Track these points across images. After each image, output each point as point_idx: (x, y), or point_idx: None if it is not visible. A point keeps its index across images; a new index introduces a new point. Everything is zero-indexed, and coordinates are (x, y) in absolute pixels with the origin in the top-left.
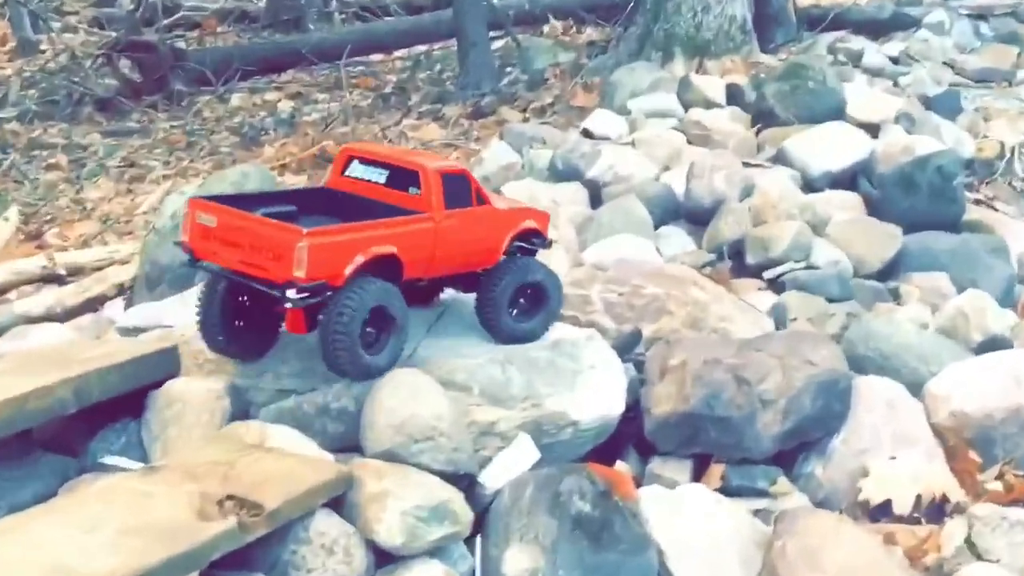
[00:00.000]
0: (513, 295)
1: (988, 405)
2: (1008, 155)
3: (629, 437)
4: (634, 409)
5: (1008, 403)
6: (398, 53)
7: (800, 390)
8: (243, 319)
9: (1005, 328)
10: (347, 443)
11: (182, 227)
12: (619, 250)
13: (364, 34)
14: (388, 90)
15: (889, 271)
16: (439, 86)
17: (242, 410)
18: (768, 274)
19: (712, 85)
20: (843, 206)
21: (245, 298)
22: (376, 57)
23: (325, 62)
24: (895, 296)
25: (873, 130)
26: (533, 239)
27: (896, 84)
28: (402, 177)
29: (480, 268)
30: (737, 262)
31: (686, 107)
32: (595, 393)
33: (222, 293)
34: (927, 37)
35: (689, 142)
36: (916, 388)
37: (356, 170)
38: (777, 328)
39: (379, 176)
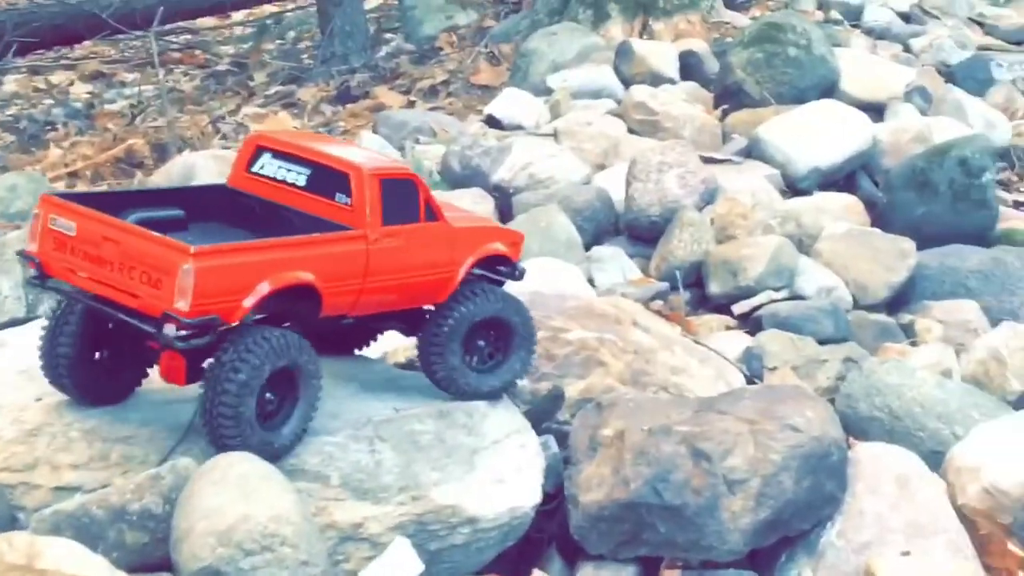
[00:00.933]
0: (469, 335)
1: None
2: None
3: (550, 537)
4: (556, 498)
5: None
6: (237, 16)
7: (779, 466)
8: (104, 352)
9: None
10: (153, 558)
11: (30, 232)
12: (535, 280)
13: None
14: (222, 67)
15: (900, 300)
16: (293, 60)
17: (6, 517)
18: (739, 308)
19: (661, 53)
20: (838, 214)
21: (110, 326)
22: (206, 22)
23: (135, 30)
24: (908, 333)
25: (876, 111)
26: (499, 267)
27: (907, 49)
28: (328, 180)
29: (426, 304)
30: (697, 292)
31: (626, 84)
32: (501, 478)
33: (78, 318)
34: None
35: (631, 131)
36: (937, 458)
37: (268, 166)
38: (750, 381)
39: (298, 176)
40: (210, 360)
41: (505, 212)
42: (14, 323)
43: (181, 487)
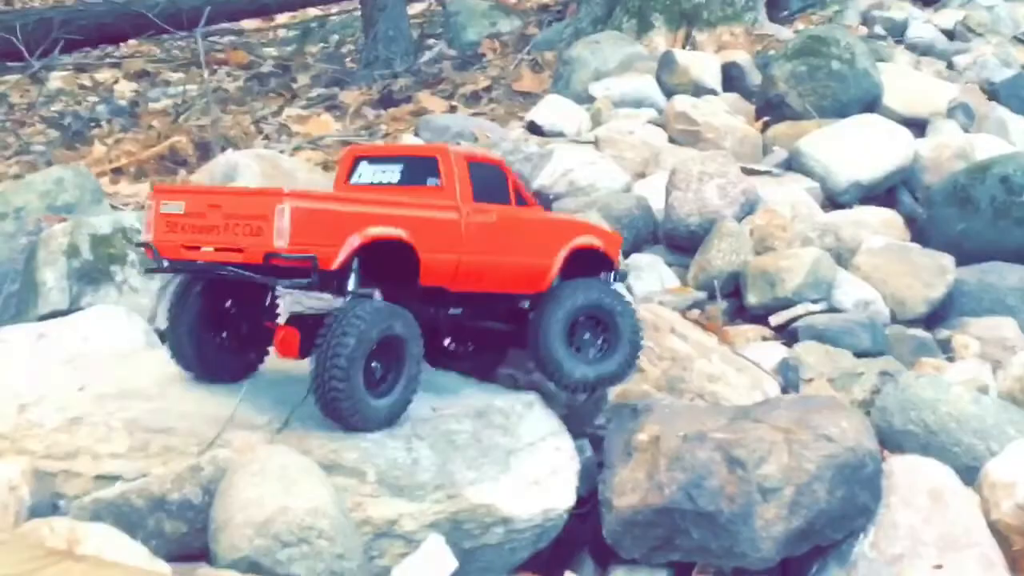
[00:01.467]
0: (574, 326)
1: None
2: None
3: (583, 539)
4: (590, 501)
5: None
6: (280, 18)
7: (813, 476)
8: (226, 331)
9: None
10: (191, 548)
11: (145, 224)
12: None
13: None
14: (266, 68)
15: (938, 315)
16: (336, 63)
17: (47, 503)
18: (776, 319)
19: (704, 64)
20: (878, 228)
21: (230, 303)
22: (251, 24)
23: (180, 31)
24: (945, 349)
25: (919, 127)
26: (601, 267)
27: (951, 66)
28: (419, 168)
29: (527, 291)
30: (734, 302)
31: (668, 94)
32: (535, 480)
33: (197, 297)
34: (994, 3)
35: (672, 140)
36: (972, 473)
37: (364, 174)
38: (785, 391)
39: (392, 175)
40: (320, 335)
41: None
42: (56, 314)
43: (220, 478)
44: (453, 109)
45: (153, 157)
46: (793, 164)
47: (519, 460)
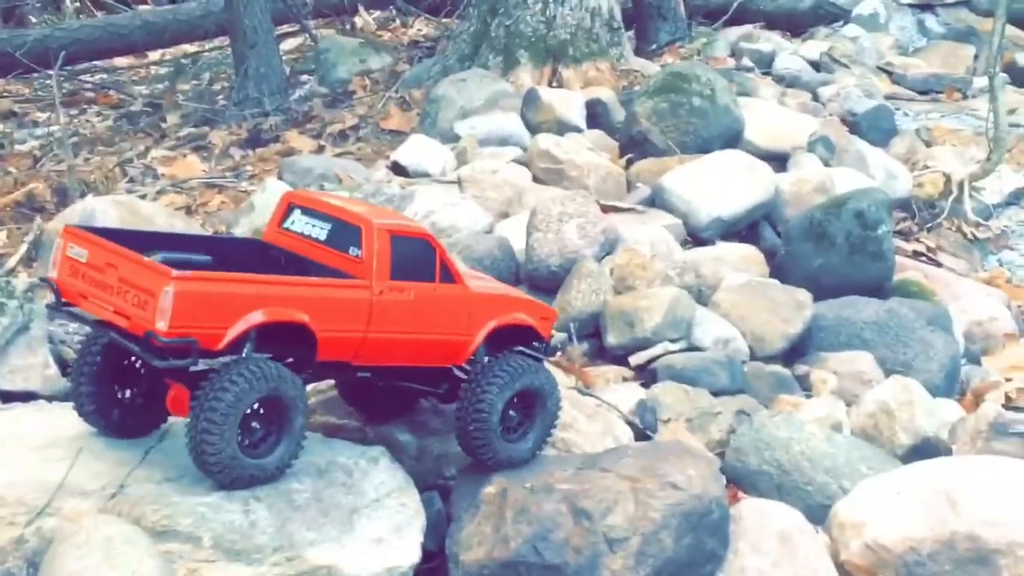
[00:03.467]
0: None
1: (913, 534)
2: (955, 192)
3: None
4: (438, 556)
5: (939, 531)
6: (154, 55)
7: (659, 524)
8: (130, 387)
9: (941, 427)
10: None
11: (52, 259)
12: None
13: (104, 30)
14: (136, 107)
15: (796, 351)
16: (207, 102)
17: None
18: (635, 359)
19: (568, 101)
20: (738, 264)
21: (133, 359)
22: (124, 61)
23: (48, 69)
24: (804, 385)
25: (780, 161)
26: (531, 341)
27: (816, 97)
28: (344, 233)
29: (442, 364)
30: (594, 344)
31: (533, 131)
32: (379, 538)
33: (98, 353)
34: (858, 34)
35: (536, 180)
36: (824, 512)
37: (297, 222)
38: (643, 435)
39: (320, 231)
40: (196, 394)
41: None
42: None
43: (45, 550)
44: (321, 149)
45: (9, 204)
46: (656, 201)
47: (362, 518)
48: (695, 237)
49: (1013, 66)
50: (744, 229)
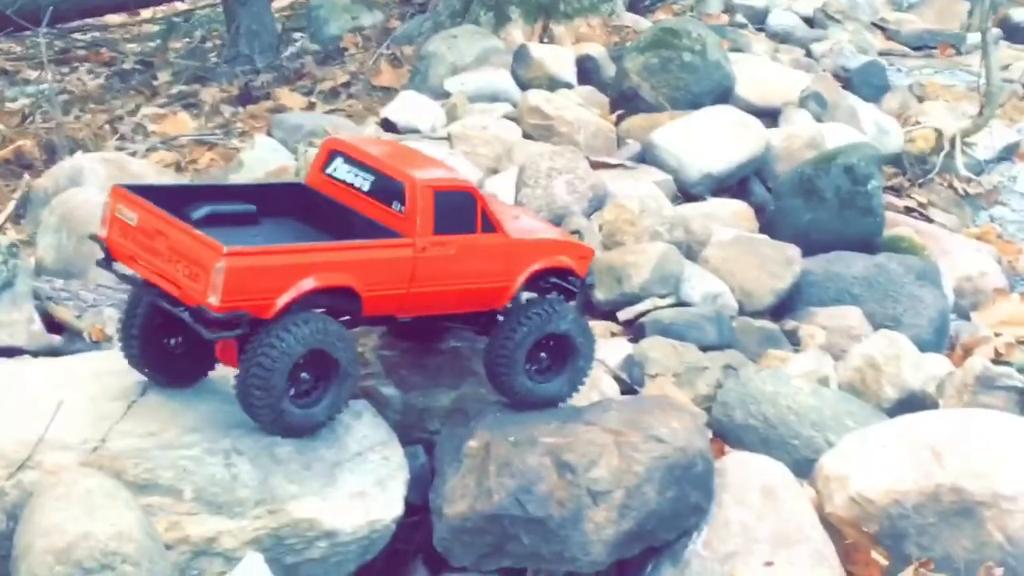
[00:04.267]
0: (532, 348)
1: (898, 487)
2: (947, 147)
3: (416, 548)
4: (422, 510)
5: (924, 484)
6: (146, 12)
7: (643, 477)
8: (177, 336)
9: (928, 381)
10: None
11: (101, 218)
12: None
13: None
14: (128, 65)
15: (785, 306)
16: (199, 59)
17: None
18: (624, 314)
19: (558, 58)
20: (728, 220)
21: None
22: (116, 19)
23: (38, 27)
24: (792, 340)
25: (772, 117)
26: (566, 277)
27: (809, 53)
28: (387, 187)
29: (482, 309)
30: (583, 299)
31: (524, 88)
32: (361, 492)
33: (147, 305)
34: None
35: (526, 136)
36: (810, 466)
37: (339, 169)
38: (630, 390)
39: (363, 181)
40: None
41: None
42: None
43: (25, 503)
44: (312, 106)
45: None
46: (646, 157)
47: (344, 472)
48: (685, 193)
49: (1007, 22)
50: (734, 185)
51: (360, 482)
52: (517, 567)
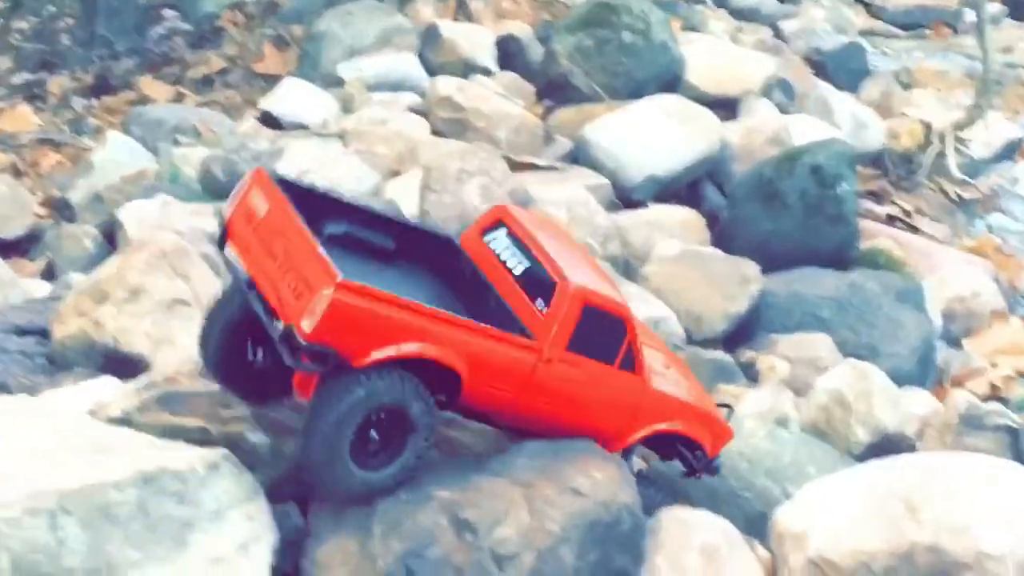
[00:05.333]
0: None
1: (865, 547)
2: (937, 144)
3: None
4: None
5: (896, 543)
6: None
7: (558, 538)
8: (261, 347)
9: (905, 421)
10: None
11: (232, 195)
12: None
13: None
14: None
15: (741, 333)
16: (48, 42)
17: None
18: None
19: (475, 38)
20: (674, 231)
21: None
22: None
23: None
24: (748, 373)
25: (729, 108)
26: (694, 450)
27: (777, 33)
28: (539, 281)
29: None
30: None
31: (433, 73)
32: (218, 558)
33: (240, 306)
34: None
35: (436, 132)
36: (765, 522)
37: (499, 241)
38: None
39: (517, 264)
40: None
41: None
42: None
43: None
44: (180, 97)
45: None
46: (579, 156)
47: (198, 534)
48: (624, 199)
49: None
50: (683, 189)
51: (218, 546)
52: None
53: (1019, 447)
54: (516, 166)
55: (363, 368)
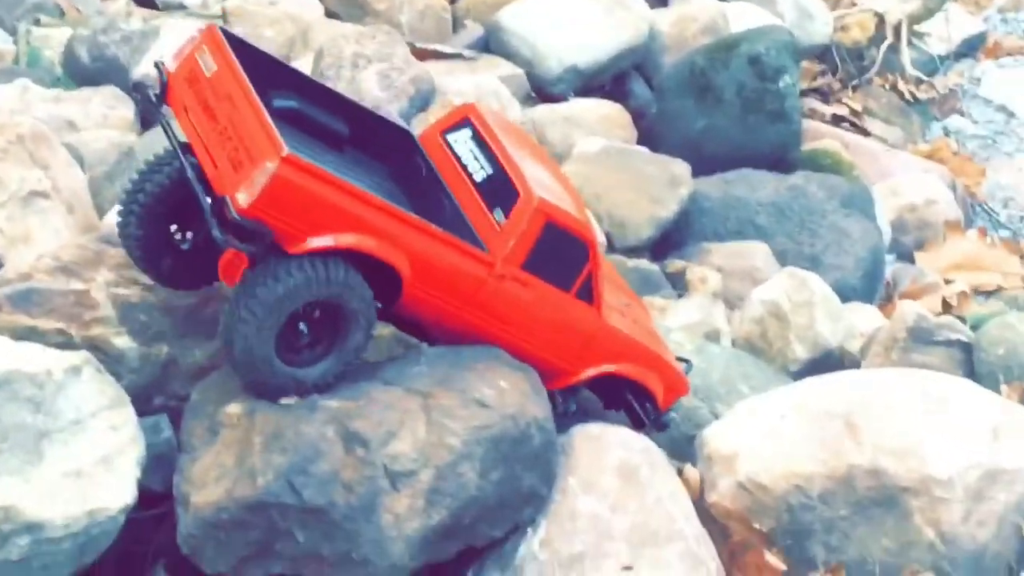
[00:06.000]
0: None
1: (800, 470)
2: (891, 37)
3: (154, 551)
4: (165, 499)
5: (834, 466)
6: None
7: (459, 454)
8: (185, 229)
9: (849, 337)
10: None
11: (177, 51)
12: None
13: None
14: None
15: (669, 241)
16: None
17: None
18: None
19: None
20: (596, 127)
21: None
22: None
23: None
24: (677, 284)
25: None
26: (643, 402)
27: None
28: (500, 189)
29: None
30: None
31: None
32: (78, 471)
33: (165, 179)
34: None
35: (330, 14)
36: (691, 445)
37: (461, 142)
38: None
39: (479, 169)
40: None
41: (149, 121)
42: None
43: None
44: None
45: None
46: (491, 44)
47: (56, 445)
48: (541, 92)
49: None
50: (607, 82)
51: (77, 459)
52: (291, 574)
53: (972, 364)
54: (420, 53)
55: (297, 255)
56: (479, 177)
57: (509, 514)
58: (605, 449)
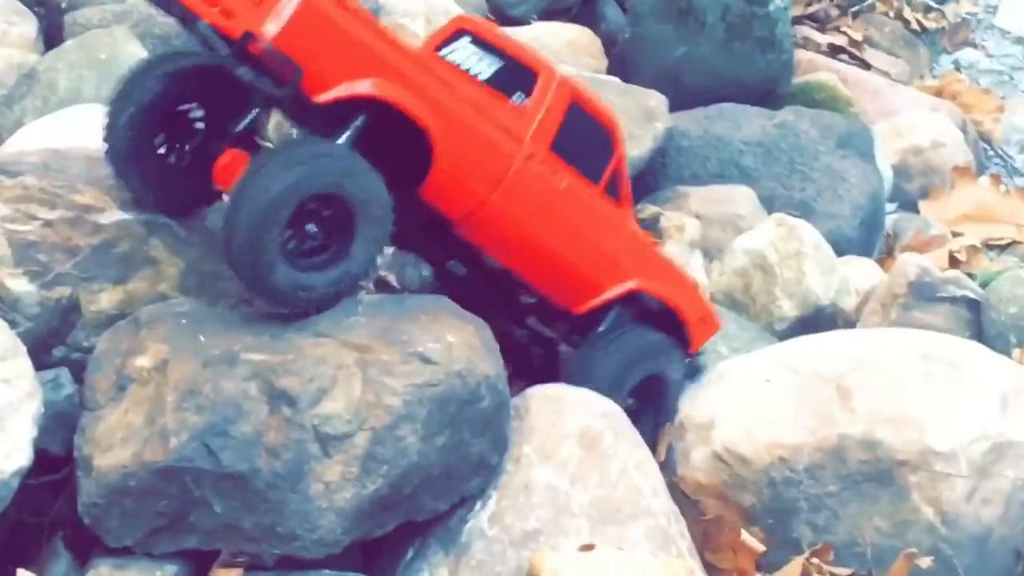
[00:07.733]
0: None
1: (785, 440)
2: None
3: (52, 522)
4: (65, 463)
5: (823, 435)
6: None
7: (399, 415)
8: (178, 139)
9: (843, 292)
10: None
11: None
12: (66, 133)
13: None
14: None
15: (642, 183)
16: None
17: None
18: None
19: None
20: (563, 54)
21: (195, 107)
22: None
23: None
24: (652, 231)
25: None
26: (673, 331)
27: None
28: (513, 76)
29: (552, 293)
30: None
31: None
32: None
33: (157, 82)
34: None
35: None
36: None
37: (459, 51)
38: (401, 289)
39: (487, 67)
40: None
41: (53, 36)
42: None
43: None
44: None
45: None
46: None
47: None
48: (501, 13)
49: None
50: (575, 3)
51: None
52: (207, 548)
53: (980, 324)
54: None
55: (320, 105)
56: (487, 75)
57: (455, 485)
58: (564, 413)
